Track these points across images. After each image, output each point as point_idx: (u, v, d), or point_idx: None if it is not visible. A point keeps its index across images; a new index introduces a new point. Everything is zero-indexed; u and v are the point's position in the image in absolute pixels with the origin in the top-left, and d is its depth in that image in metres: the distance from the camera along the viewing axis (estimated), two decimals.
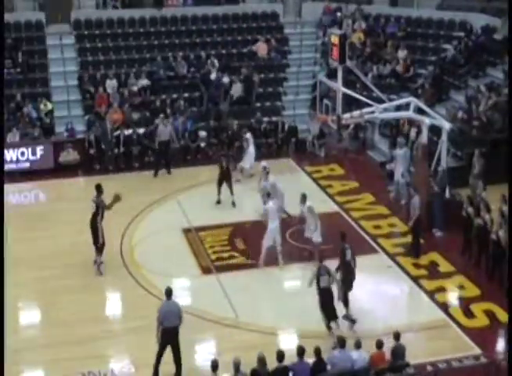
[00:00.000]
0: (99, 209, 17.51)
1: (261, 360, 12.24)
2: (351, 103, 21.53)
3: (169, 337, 13.67)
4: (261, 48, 28.91)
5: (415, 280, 17.40)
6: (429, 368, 13.92)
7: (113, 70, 27.25)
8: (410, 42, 28.70)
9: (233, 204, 21.07)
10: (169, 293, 13.83)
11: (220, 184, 21.24)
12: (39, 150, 23.84)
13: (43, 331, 15.67)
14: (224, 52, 28.82)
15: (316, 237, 17.77)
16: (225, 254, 18.46)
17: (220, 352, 14.44)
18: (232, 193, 21.16)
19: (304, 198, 17.99)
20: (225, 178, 21.22)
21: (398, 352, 12.83)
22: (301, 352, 12.47)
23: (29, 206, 22.10)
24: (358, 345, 12.85)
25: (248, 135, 23.52)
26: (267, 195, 18.55)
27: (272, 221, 17.68)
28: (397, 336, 13.01)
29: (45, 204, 22.32)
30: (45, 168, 23.68)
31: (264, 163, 20.83)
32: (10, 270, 15.48)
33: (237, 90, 26.96)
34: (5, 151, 22.96)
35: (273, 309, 16.27)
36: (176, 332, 13.72)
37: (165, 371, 13.86)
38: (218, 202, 21.22)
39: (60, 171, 23.63)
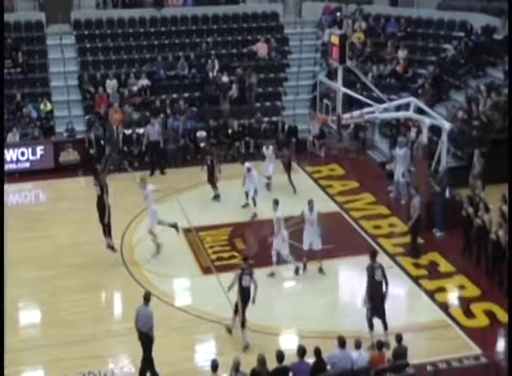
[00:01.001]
0: (104, 188, 17.82)
1: (261, 361, 12.23)
2: (351, 103, 21.54)
3: (141, 341, 13.61)
4: (261, 48, 28.93)
5: (415, 280, 17.39)
6: (429, 368, 13.92)
7: (113, 70, 27.27)
8: (410, 42, 28.72)
9: (216, 197, 21.45)
10: (146, 299, 13.69)
11: (210, 182, 21.53)
12: (39, 150, 23.85)
13: (43, 331, 15.67)
14: (224, 52, 28.84)
15: (317, 245, 17.55)
16: (225, 254, 18.46)
17: (220, 352, 14.44)
18: (214, 188, 21.47)
19: (311, 204, 17.60)
20: (210, 175, 21.42)
21: (400, 353, 12.81)
22: (301, 352, 12.46)
23: (29, 206, 22.10)
24: (358, 345, 12.83)
25: (270, 151, 22.50)
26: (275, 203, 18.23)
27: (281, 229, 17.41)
28: (399, 338, 12.98)
29: (45, 204, 22.32)
30: (45, 168, 23.68)
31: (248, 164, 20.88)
32: (10, 270, 15.49)
33: (236, 90, 26.98)
34: (5, 151, 22.96)
35: (273, 309, 16.26)
36: (147, 339, 13.55)
37: (165, 372, 13.87)
38: (216, 197, 21.50)
39: (60, 171, 23.63)
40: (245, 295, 14.84)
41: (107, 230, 18.08)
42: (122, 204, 20.73)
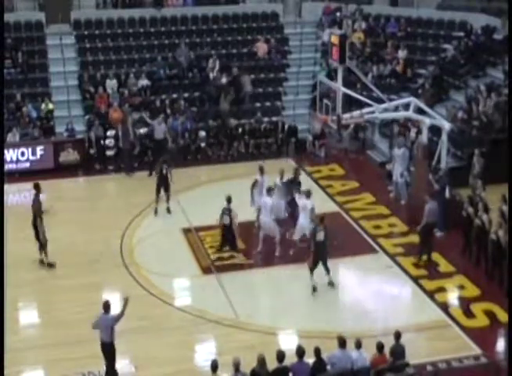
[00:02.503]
0: (38, 209, 17.67)
1: (261, 361, 12.23)
2: (351, 103, 21.54)
3: (103, 350, 13.42)
4: (261, 49, 28.93)
5: (415, 280, 17.39)
6: (429, 368, 13.92)
7: (113, 70, 27.25)
8: (410, 42, 28.72)
9: (168, 210, 20.54)
10: (105, 307, 13.42)
11: (158, 191, 20.44)
12: (39, 150, 23.84)
13: (43, 331, 15.67)
14: (224, 52, 28.85)
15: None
16: (225, 254, 18.45)
17: (220, 352, 14.44)
18: (168, 200, 20.56)
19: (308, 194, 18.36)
20: (163, 184, 20.45)
21: (397, 351, 12.81)
22: (300, 352, 12.46)
23: (29, 206, 22.03)
24: (358, 345, 12.83)
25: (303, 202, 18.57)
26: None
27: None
28: (397, 336, 12.98)
29: (45, 204, 22.24)
30: (45, 168, 23.66)
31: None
32: (10, 270, 15.50)
33: (232, 90, 27.00)
34: (5, 151, 22.95)
35: (273, 309, 16.27)
36: (109, 348, 13.36)
37: (165, 372, 13.88)
38: (156, 212, 20.52)
39: (60, 171, 23.62)
40: (226, 233, 18.00)
41: (42, 247, 17.66)
42: (122, 204, 20.76)
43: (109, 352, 13.40)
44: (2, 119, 22.62)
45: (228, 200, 17.94)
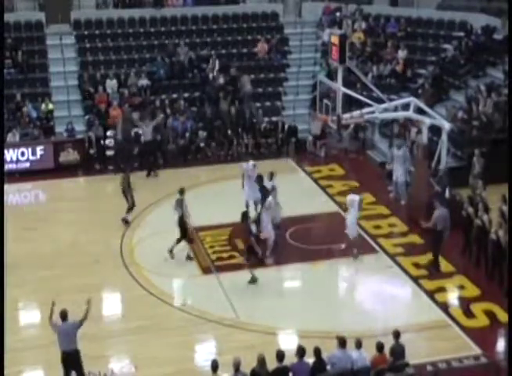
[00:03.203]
0: None
1: (261, 361, 12.23)
2: (351, 103, 21.54)
3: (70, 361, 13.07)
4: (261, 49, 28.94)
5: (415, 280, 17.39)
6: (429, 368, 13.92)
7: (113, 70, 27.29)
8: (410, 42, 28.73)
9: (126, 221, 20.08)
10: (63, 315, 13.17)
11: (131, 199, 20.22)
12: (39, 150, 23.85)
13: (43, 331, 15.59)
14: (224, 52, 28.85)
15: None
16: (225, 254, 18.46)
17: (220, 352, 14.44)
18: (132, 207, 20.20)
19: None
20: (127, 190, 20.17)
21: (397, 351, 12.81)
22: (300, 352, 12.46)
23: (29, 206, 22.09)
24: (358, 345, 12.82)
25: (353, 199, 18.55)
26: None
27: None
28: (396, 335, 12.98)
29: (45, 204, 22.32)
30: (45, 168, 23.68)
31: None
32: (10, 270, 15.50)
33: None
34: (5, 151, 22.96)
35: (273, 309, 16.26)
36: (76, 356, 13.06)
37: (165, 372, 13.88)
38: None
39: (60, 171, 23.64)
40: (180, 223, 17.92)
41: None
42: (122, 204, 20.72)
43: (75, 360, 13.04)
44: (2, 119, 22.62)
45: (181, 191, 18.13)
